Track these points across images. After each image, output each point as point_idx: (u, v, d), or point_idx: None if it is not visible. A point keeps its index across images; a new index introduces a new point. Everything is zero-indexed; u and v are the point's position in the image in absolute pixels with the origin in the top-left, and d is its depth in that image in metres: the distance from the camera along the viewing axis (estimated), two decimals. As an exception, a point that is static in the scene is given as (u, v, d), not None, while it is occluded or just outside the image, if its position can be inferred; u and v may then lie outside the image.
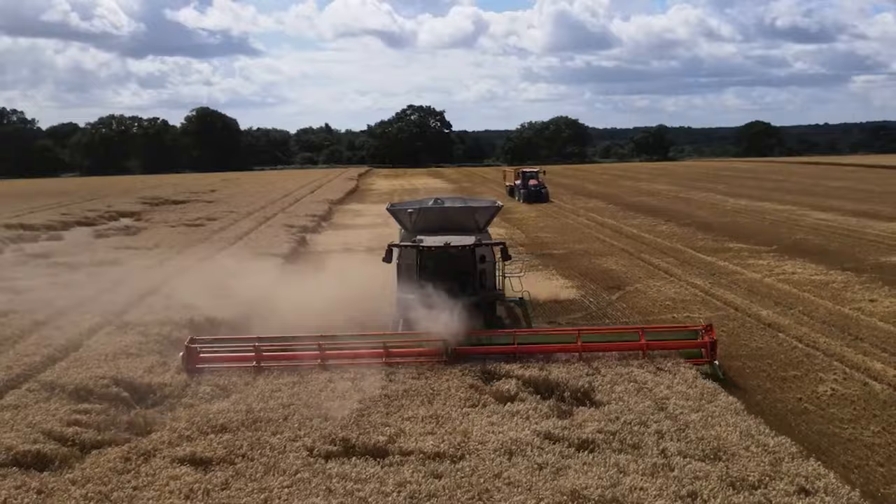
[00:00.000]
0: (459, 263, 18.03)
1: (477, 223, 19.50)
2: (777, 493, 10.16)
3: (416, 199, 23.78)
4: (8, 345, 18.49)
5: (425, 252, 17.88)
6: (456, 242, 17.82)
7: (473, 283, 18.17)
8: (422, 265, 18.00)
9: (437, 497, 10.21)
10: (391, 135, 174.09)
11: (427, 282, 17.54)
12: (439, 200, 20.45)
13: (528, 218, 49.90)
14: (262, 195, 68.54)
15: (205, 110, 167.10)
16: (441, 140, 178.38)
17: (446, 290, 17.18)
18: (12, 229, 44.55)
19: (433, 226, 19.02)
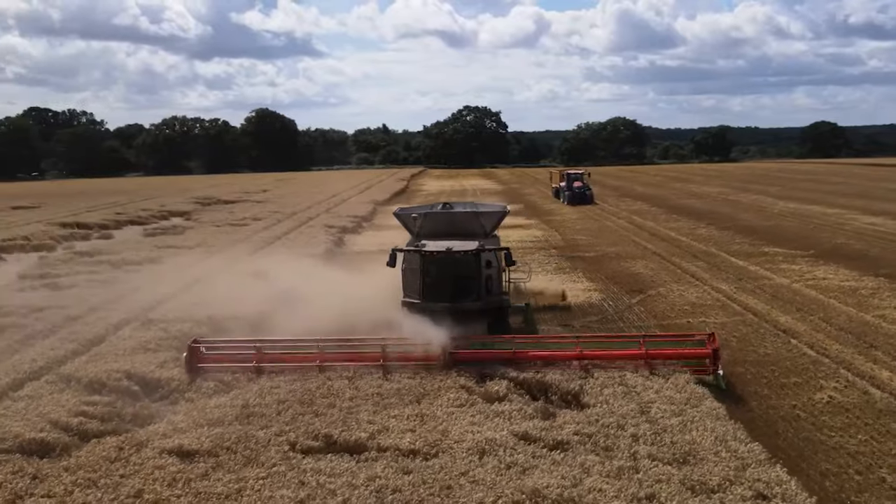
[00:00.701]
0: (463, 268, 17.90)
1: (483, 228, 19.39)
2: (734, 498, 10.29)
3: (427, 204, 23.92)
4: (39, 338, 19.51)
5: (428, 257, 17.84)
6: (458, 247, 17.76)
7: (477, 288, 18.06)
8: (425, 270, 17.95)
9: (402, 492, 10.60)
10: (447, 135, 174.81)
11: (430, 286, 17.74)
12: (448, 205, 20.51)
13: (569, 220, 49.86)
14: (311, 196, 69.78)
15: (264, 111, 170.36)
16: (496, 141, 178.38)
17: (449, 294, 17.42)
18: (67, 227, 46.50)
19: (439, 230, 19.09)
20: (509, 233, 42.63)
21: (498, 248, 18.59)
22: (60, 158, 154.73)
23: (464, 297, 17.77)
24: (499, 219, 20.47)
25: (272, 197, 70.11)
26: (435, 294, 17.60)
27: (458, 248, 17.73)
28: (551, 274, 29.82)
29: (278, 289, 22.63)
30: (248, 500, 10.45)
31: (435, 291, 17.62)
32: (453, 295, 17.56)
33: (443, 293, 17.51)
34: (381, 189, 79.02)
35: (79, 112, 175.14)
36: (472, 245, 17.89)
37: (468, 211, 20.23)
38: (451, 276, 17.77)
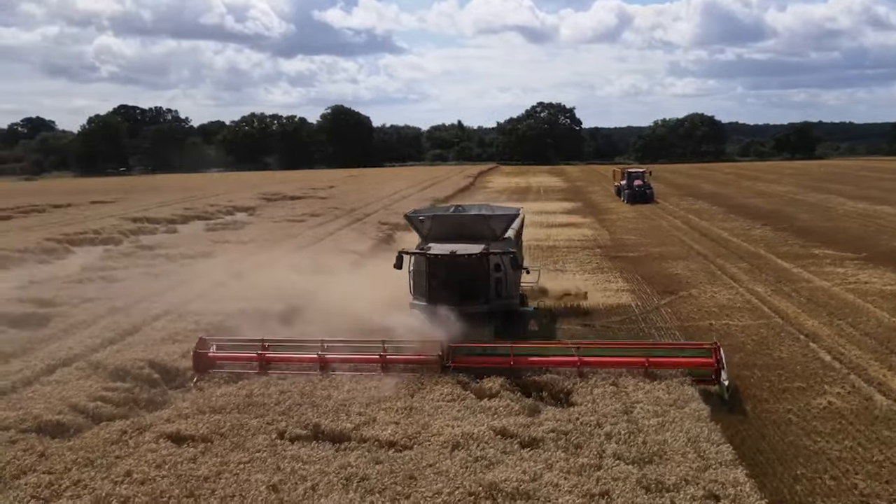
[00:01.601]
0: (468, 271, 17.96)
1: (493, 231, 19.17)
2: (685, 497, 10.54)
3: (440, 206, 24.05)
4: (81, 328, 20.82)
5: (433, 260, 18.01)
6: (462, 251, 17.80)
7: (484, 291, 18.15)
8: (431, 273, 18.09)
9: (368, 480, 11.20)
10: (520, 132, 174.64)
11: (436, 289, 17.95)
12: (460, 208, 20.67)
13: (623, 219, 49.65)
14: (373, 192, 71.05)
15: (339, 108, 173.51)
16: (570, 137, 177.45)
17: (455, 298, 17.62)
18: (137, 222, 48.65)
19: (447, 233, 19.12)
20: (559, 231, 43.03)
21: (503, 252, 18.37)
22: (146, 154, 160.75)
23: (470, 300, 17.86)
24: (508, 222, 20.19)
25: (337, 193, 71.66)
26: (441, 296, 17.74)
27: (463, 251, 17.78)
28: (588, 274, 29.98)
29: (308, 286, 23.54)
30: (225, 483, 11.20)
31: (441, 294, 17.79)
32: (459, 297, 17.69)
33: (449, 296, 17.66)
34: (445, 186, 79.74)
35: (164, 109, 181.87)
36: (477, 248, 17.86)
37: (476, 214, 20.20)
38: (457, 279, 17.86)
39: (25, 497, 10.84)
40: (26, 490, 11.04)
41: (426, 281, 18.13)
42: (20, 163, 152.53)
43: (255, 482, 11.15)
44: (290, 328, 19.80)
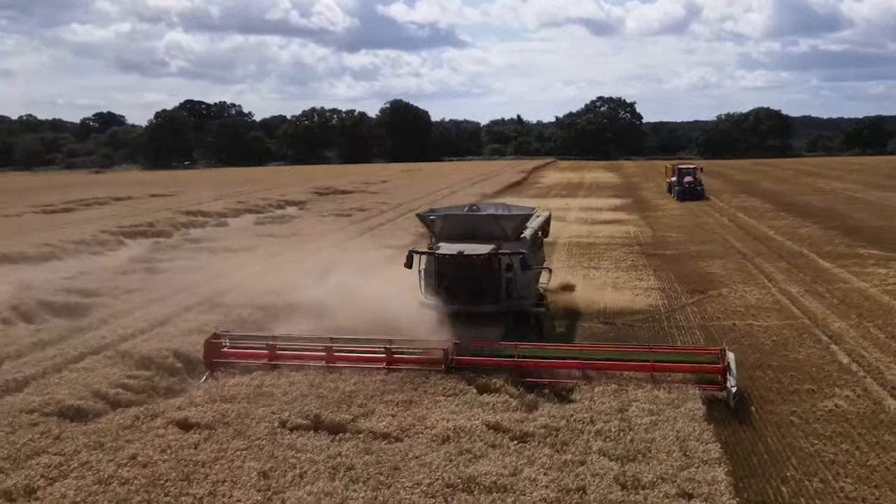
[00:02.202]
0: (477, 271, 17.96)
1: (504, 231, 19.03)
2: (658, 495, 10.72)
3: (456, 206, 23.81)
4: (117, 318, 21.79)
5: (442, 259, 18.06)
6: (470, 251, 17.78)
7: (493, 291, 18.12)
8: (440, 272, 18.17)
9: (354, 469, 11.64)
10: (579, 126, 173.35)
11: (446, 289, 18.06)
12: (474, 207, 20.56)
13: (669, 216, 49.23)
14: (424, 187, 71.67)
15: (398, 103, 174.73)
16: (630, 132, 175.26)
17: (465, 297, 17.78)
18: (190, 215, 50.08)
19: (459, 233, 19.05)
20: (602, 228, 42.93)
21: (514, 252, 18.17)
22: (210, 148, 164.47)
23: (479, 300, 17.93)
24: (521, 222, 19.99)
25: (388, 188, 72.47)
26: (450, 296, 17.88)
27: (471, 251, 17.78)
28: (621, 272, 29.98)
29: (337, 281, 24.04)
30: (219, 468, 11.77)
31: (450, 293, 17.91)
32: (468, 297, 17.80)
33: (458, 295, 17.80)
34: (496, 181, 79.86)
35: (228, 104, 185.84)
36: (486, 248, 17.82)
37: (487, 214, 20.11)
38: (466, 279, 17.92)
39: (35, 476, 11.56)
40: (37, 470, 11.78)
41: (436, 280, 18.23)
42: (91, 156, 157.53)
43: (248, 469, 11.69)
44: (314, 322, 20.20)
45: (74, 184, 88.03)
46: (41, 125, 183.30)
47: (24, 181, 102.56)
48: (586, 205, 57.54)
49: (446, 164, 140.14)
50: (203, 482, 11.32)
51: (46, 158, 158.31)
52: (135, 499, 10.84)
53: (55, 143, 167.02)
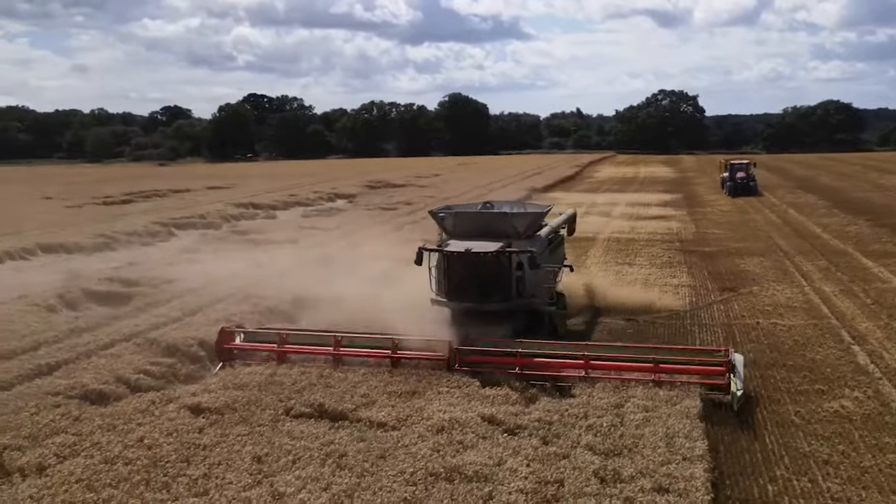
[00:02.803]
0: (485, 269, 17.85)
1: (515, 229, 18.67)
2: (633, 489, 10.91)
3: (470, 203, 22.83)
4: (155, 306, 22.71)
5: (450, 256, 17.99)
6: (478, 248, 17.66)
7: (502, 289, 17.98)
8: (449, 270, 18.10)
9: (346, 456, 12.11)
10: (639, 120, 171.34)
11: (455, 286, 18.04)
12: (488, 204, 20.26)
13: (717, 212, 48.64)
14: (474, 181, 71.91)
15: (457, 96, 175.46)
16: (692, 126, 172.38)
17: (474, 295, 17.84)
18: (241, 207, 51.35)
19: (470, 230, 18.85)
20: (646, 224, 42.68)
21: (523, 250, 17.91)
22: (271, 141, 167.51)
23: (488, 298, 17.88)
24: (533, 220, 19.47)
25: (438, 182, 72.94)
26: (459, 293, 17.93)
27: (478, 248, 17.67)
28: (655, 268, 29.88)
29: (368, 273, 24.59)
30: (219, 451, 12.36)
31: (459, 291, 17.93)
32: (477, 295, 17.81)
33: (467, 293, 17.84)
34: (548, 176, 79.64)
35: (290, 97, 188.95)
36: (493, 246, 17.68)
37: (497, 211, 19.63)
38: (474, 276, 17.85)
39: (48, 454, 12.32)
40: (51, 448, 12.54)
41: (445, 278, 18.21)
42: (158, 149, 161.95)
43: (245, 453, 12.26)
44: (340, 315, 20.55)
45: (137, 176, 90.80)
46: (112, 119, 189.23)
47: (92, 173, 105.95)
48: (635, 200, 57.15)
49: (503, 157, 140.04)
50: (200, 464, 11.92)
51: (116, 151, 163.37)
52: (135, 478, 11.48)
53: (125, 136, 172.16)
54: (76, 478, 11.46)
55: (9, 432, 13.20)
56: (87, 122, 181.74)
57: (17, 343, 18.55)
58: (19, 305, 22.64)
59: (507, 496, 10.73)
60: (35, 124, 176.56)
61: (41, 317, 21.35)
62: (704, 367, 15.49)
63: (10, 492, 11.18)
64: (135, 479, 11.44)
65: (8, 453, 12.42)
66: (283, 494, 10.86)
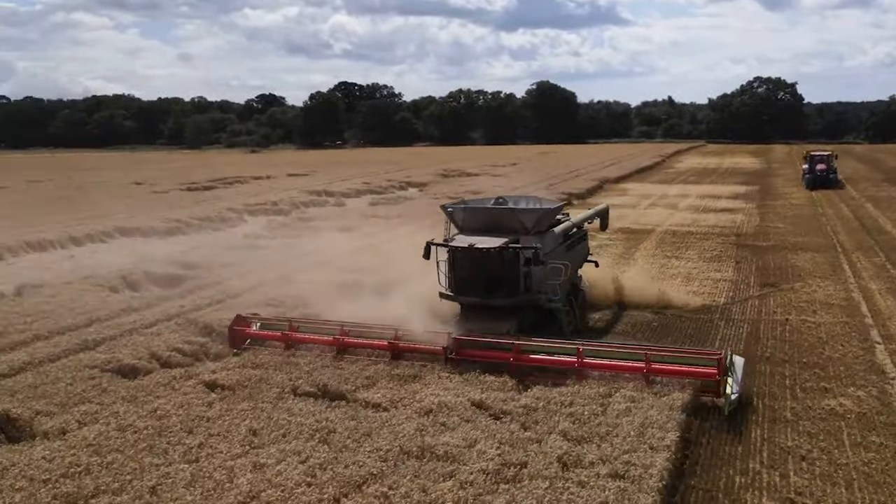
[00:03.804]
0: (490, 264, 18.11)
1: (523, 225, 18.66)
2: (589, 474, 11.35)
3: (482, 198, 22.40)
4: (202, 289, 24.17)
5: (455, 252, 18.22)
6: (482, 244, 17.86)
7: (507, 285, 18.13)
8: (455, 265, 18.36)
9: (334, 433, 12.97)
10: (732, 108, 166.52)
11: (461, 281, 18.35)
12: (500, 200, 20.26)
13: (788, 205, 47.58)
14: (549, 170, 71.90)
15: (545, 84, 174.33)
16: (789, 114, 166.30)
17: (479, 291, 18.20)
18: (314, 195, 53.04)
19: (479, 226, 18.96)
20: (708, 217, 42.31)
21: (525, 247, 17.92)
22: (360, 128, 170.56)
23: (493, 293, 18.12)
24: (542, 216, 19.18)
25: (513, 171, 73.20)
26: (465, 288, 18.26)
27: (482, 244, 17.86)
28: (703, 262, 29.79)
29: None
30: (220, 424, 13.40)
31: (465, 286, 18.25)
32: (483, 290, 18.08)
33: (473, 288, 18.16)
34: (625, 166, 78.78)
35: (381, 85, 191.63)
36: (497, 242, 17.81)
37: (505, 207, 19.55)
38: (480, 272, 18.14)
39: (71, 420, 13.65)
40: (75, 415, 13.87)
41: (451, 273, 18.48)
42: (251, 136, 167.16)
43: (242, 427, 13.27)
44: (372, 301, 21.33)
45: (226, 163, 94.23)
46: (210, 106, 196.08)
47: (186, 159, 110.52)
48: (707, 192, 56.27)
49: (587, 146, 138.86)
50: (200, 435, 12.99)
51: (213, 138, 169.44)
52: (140, 445, 12.64)
53: (221, 124, 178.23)
54: (87, 442, 12.69)
55: (43, 399, 14.63)
56: (187, 109, 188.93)
57: (73, 320, 20.20)
58: (84, 286, 24.50)
59: (468, 475, 11.37)
60: (139, 112, 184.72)
61: (100, 296, 23.07)
62: (695, 370, 15.10)
63: (27, 451, 12.49)
64: (139, 446, 12.59)
65: (38, 418, 13.81)
66: (263, 465, 11.79)
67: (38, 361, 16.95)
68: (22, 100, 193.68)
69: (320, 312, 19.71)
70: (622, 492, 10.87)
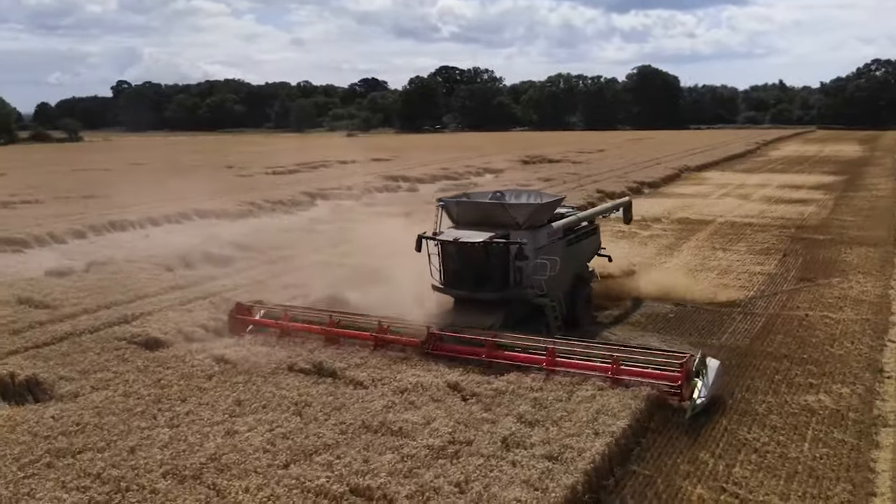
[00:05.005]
0: (476, 259, 18.25)
1: (514, 219, 18.55)
2: (525, 454, 12.02)
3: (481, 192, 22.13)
4: (245, 270, 25.89)
5: (443, 245, 18.53)
6: (466, 238, 18.12)
7: (494, 279, 18.29)
8: (444, 258, 18.64)
9: (309, 406, 14.04)
10: (847, 93, 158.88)
11: (451, 274, 18.67)
12: (498, 194, 20.19)
13: (869, 197, 46.20)
14: (631, 157, 71.26)
15: (646, 68, 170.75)
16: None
17: (467, 284, 18.44)
18: (389, 180, 54.46)
19: (473, 220, 19.06)
20: (777, 208, 41.54)
21: (510, 241, 18.01)
22: (458, 113, 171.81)
23: (480, 287, 18.36)
24: (535, 212, 18.94)
25: (595, 158, 72.76)
26: (454, 281, 18.62)
27: (466, 238, 18.12)
28: (750, 254, 29.60)
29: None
30: (211, 395, 14.68)
31: (454, 279, 18.61)
32: (471, 284, 18.38)
33: (461, 281, 18.50)
34: (714, 154, 76.92)
35: (482, 69, 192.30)
36: (482, 237, 17.94)
37: (496, 202, 19.46)
38: (467, 266, 18.39)
39: (86, 385, 15.27)
40: (90, 381, 15.50)
41: (441, 265, 18.80)
42: (353, 119, 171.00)
43: (230, 398, 14.54)
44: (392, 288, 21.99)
45: (320, 146, 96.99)
46: (315, 91, 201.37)
47: (283, 142, 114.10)
48: (790, 181, 54.76)
49: (685, 133, 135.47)
50: (191, 403, 14.34)
51: (316, 121, 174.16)
52: (136, 409, 14.09)
53: (325, 108, 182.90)
54: (93, 405, 14.25)
55: (69, 366, 16.36)
56: (293, 93, 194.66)
57: (121, 296, 22.11)
58: (144, 264, 26.52)
59: (412, 450, 12.23)
60: (248, 96, 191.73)
61: (153, 275, 24.98)
62: (658, 373, 14.98)
63: (41, 411, 14.14)
64: (135, 411, 14.04)
65: (59, 382, 15.51)
66: (235, 432, 13.01)
67: (78, 332, 18.83)
68: (142, 85, 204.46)
69: (339, 297, 20.80)
70: (548, 472, 11.53)
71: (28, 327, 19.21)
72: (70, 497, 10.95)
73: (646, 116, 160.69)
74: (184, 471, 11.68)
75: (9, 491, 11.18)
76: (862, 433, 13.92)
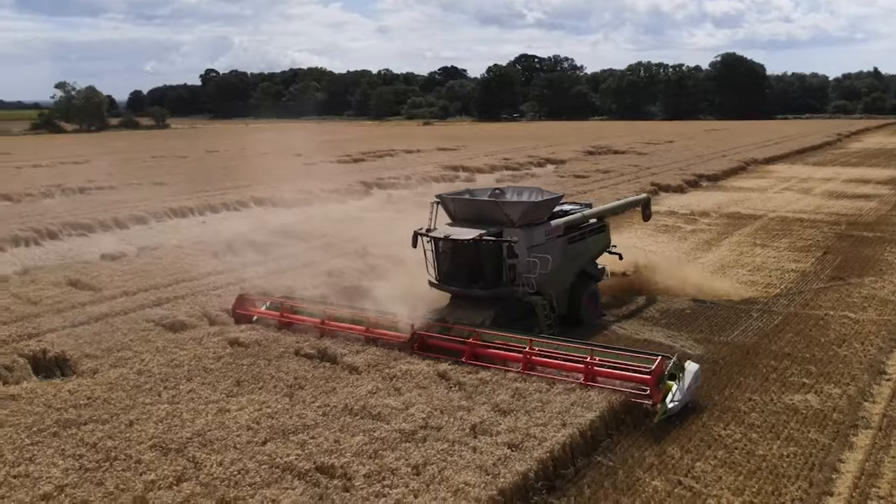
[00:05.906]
0: (467, 256, 18.46)
1: (508, 217, 18.52)
2: (488, 441, 12.59)
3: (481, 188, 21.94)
4: (282, 258, 26.94)
5: (435, 242, 18.69)
6: (456, 235, 18.29)
7: (485, 276, 18.40)
8: (438, 254, 18.80)
9: (302, 389, 14.94)
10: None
11: (444, 271, 18.87)
12: (497, 191, 20.36)
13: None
14: (703, 149, 70.05)
15: (730, 56, 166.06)
16: None
17: (460, 280, 18.68)
18: (448, 170, 55.10)
19: (469, 216, 19.15)
20: (835, 203, 40.63)
21: (501, 239, 18.12)
22: (536, 101, 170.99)
23: (472, 284, 18.60)
24: (528, 209, 18.89)
25: (661, 150, 71.57)
26: (448, 278, 18.84)
27: (456, 235, 18.30)
28: (790, 251, 29.22)
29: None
30: (215, 375, 15.69)
31: (447, 275, 18.83)
32: (464, 280, 18.62)
33: (454, 278, 18.74)
34: (787, 146, 74.75)
35: (561, 58, 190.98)
36: (472, 234, 18.07)
37: (489, 199, 19.51)
38: (460, 263, 18.63)
39: (106, 363, 16.57)
40: (111, 359, 16.80)
41: (435, 261, 18.97)
42: (431, 108, 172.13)
43: (232, 378, 15.57)
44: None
45: (392, 135, 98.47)
46: (395, 79, 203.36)
47: (358, 131, 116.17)
48: (859, 175, 53.14)
49: (764, 123, 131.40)
50: (195, 382, 15.43)
51: (395, 109, 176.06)
52: (145, 386, 15.26)
53: (404, 95, 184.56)
54: (107, 381, 15.50)
55: (95, 345, 17.73)
56: (374, 81, 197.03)
57: (160, 280, 23.54)
58: (190, 250, 28.02)
59: (385, 433, 12.97)
60: (330, 84, 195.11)
61: (197, 260, 26.38)
62: (630, 376, 15.01)
63: (61, 385, 15.47)
64: (144, 388, 15.21)
65: (84, 359, 16.87)
66: (226, 410, 14.01)
67: (113, 313, 20.26)
68: (228, 73, 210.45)
69: (361, 287, 21.72)
70: (504, 458, 12.10)
71: (70, 307, 20.74)
72: (64, 463, 12.11)
73: (729, 106, 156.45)
74: (170, 444, 12.70)
75: (13, 456, 12.39)
76: (838, 434, 14.00)
